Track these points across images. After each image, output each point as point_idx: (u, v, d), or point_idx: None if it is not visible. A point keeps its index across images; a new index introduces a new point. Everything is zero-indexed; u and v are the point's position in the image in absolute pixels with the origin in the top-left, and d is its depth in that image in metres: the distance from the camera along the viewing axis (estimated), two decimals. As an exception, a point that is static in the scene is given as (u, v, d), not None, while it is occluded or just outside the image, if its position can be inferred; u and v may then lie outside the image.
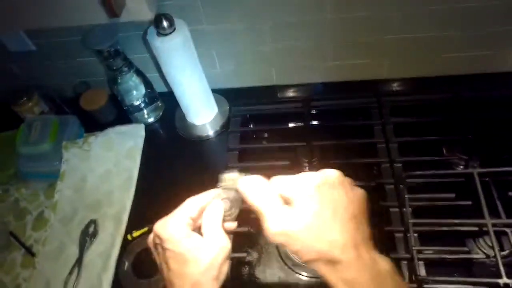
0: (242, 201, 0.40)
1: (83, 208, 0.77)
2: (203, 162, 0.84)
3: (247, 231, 0.64)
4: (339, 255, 0.33)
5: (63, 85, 0.97)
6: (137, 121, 0.92)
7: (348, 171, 0.71)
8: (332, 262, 0.33)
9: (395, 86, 0.86)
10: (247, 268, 0.67)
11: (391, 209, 0.65)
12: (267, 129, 0.83)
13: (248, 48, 0.85)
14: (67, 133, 0.87)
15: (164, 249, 0.38)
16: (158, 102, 0.95)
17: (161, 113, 0.95)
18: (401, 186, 0.66)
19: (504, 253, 0.59)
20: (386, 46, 0.79)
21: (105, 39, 0.76)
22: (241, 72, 0.91)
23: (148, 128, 0.91)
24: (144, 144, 0.88)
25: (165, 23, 0.66)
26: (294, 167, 0.77)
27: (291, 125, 0.82)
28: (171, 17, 0.67)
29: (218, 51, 0.87)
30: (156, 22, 0.67)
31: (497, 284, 0.52)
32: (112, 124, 0.90)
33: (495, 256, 0.55)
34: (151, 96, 0.93)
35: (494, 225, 0.58)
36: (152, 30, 0.69)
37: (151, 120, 0.93)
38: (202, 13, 0.76)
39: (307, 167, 0.75)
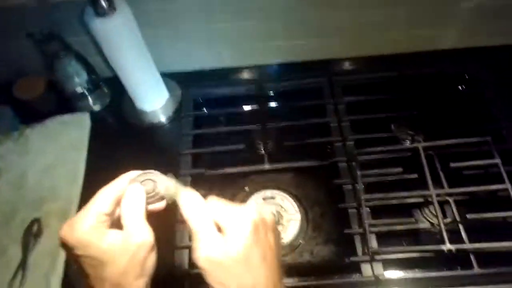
0: (171, 178, 0.38)
1: (25, 207, 0.71)
2: (156, 150, 0.81)
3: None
4: None
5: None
6: (81, 110, 0.86)
7: (303, 151, 0.74)
8: None
9: (346, 66, 0.87)
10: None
11: (344, 186, 0.67)
12: (221, 112, 0.81)
13: (198, 28, 0.81)
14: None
15: (75, 255, 0.33)
16: (104, 89, 0.89)
17: (108, 100, 0.89)
18: (353, 163, 0.67)
19: (447, 220, 0.63)
20: (335, 24, 0.79)
21: (37, 20, 0.69)
22: (192, 54, 0.88)
23: (95, 116, 0.85)
24: (90, 133, 0.82)
25: (103, 3, 0.61)
26: (249, 150, 0.76)
27: (245, 108, 0.81)
28: (110, -5, 0.62)
29: (166, 32, 0.82)
30: (93, 1, 0.61)
31: (441, 250, 0.56)
32: (53, 114, 0.83)
33: (439, 224, 0.58)
34: (95, 82, 0.87)
35: (437, 195, 0.61)
36: (90, 10, 0.64)
37: (97, 108, 0.87)
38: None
39: (262, 150, 0.75)
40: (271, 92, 0.82)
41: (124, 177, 0.37)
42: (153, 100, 0.83)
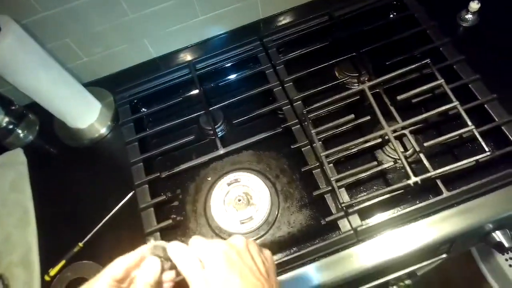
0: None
1: (-19, 267, 0.66)
2: (104, 166, 0.75)
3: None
4: None
5: None
6: (12, 146, 0.79)
7: (255, 125, 0.71)
8: None
9: (274, 23, 0.82)
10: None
11: (303, 149, 0.65)
12: (160, 108, 0.75)
13: (108, 25, 0.74)
14: None
15: None
16: (29, 116, 0.81)
17: (38, 127, 0.81)
18: (305, 123, 0.65)
19: (408, 153, 0.63)
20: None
21: None
22: (112, 54, 0.80)
23: (29, 149, 0.78)
24: (30, 169, 0.76)
25: (-19, 26, 0.53)
26: (200, 139, 0.72)
27: (184, 95, 0.76)
28: (-14, 16, 0.54)
29: (74, 38, 0.74)
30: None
31: (408, 185, 0.56)
32: (-19, 160, 0.76)
33: (400, 159, 0.58)
34: (18, 113, 0.79)
35: (394, 131, 0.61)
36: (-29, 39, 0.56)
37: (30, 139, 0.80)
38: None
39: (213, 135, 0.71)
40: (205, 71, 0.77)
41: (138, 250, 0.40)
42: (85, 114, 0.76)
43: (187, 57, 0.83)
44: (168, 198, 0.67)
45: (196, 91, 0.75)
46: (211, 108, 0.72)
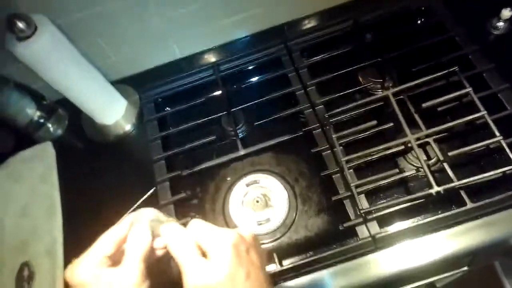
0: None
1: (10, 253, 0.69)
2: (128, 162, 0.77)
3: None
4: None
5: None
6: (42, 140, 0.82)
7: (276, 127, 0.71)
8: None
9: (299, 27, 0.82)
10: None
11: (323, 153, 0.65)
12: (184, 107, 0.77)
13: (137, 27, 0.76)
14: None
15: None
16: (59, 111, 0.84)
17: (67, 122, 0.85)
18: (327, 127, 0.65)
19: (431, 162, 0.61)
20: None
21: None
22: (139, 54, 0.83)
23: (58, 143, 0.81)
24: (58, 162, 0.79)
25: (20, 25, 0.56)
26: (222, 139, 0.73)
27: (208, 95, 0.77)
28: (26, 15, 0.57)
29: (105, 38, 0.77)
30: (10, 25, 0.56)
31: (430, 194, 0.55)
32: (13, 152, 0.79)
33: (422, 167, 0.57)
34: (49, 108, 0.82)
35: (417, 139, 0.60)
36: (10, 36, 0.58)
37: (58, 133, 0.83)
38: (66, 1, 0.66)
39: (234, 136, 0.72)
40: (229, 73, 0.78)
41: (124, 221, 0.39)
42: (111, 111, 0.79)
43: (211, 58, 0.84)
44: (187, 196, 0.68)
45: (219, 92, 0.76)
46: (232, 109, 0.73)
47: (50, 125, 0.83)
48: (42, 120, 0.82)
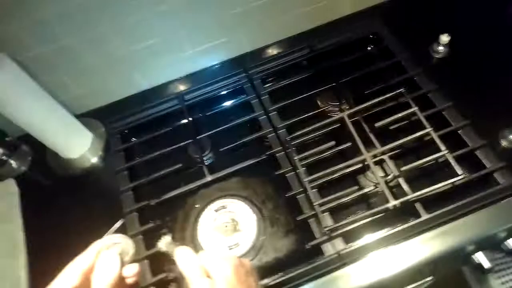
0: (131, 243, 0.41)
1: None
2: (96, 195, 0.77)
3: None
4: None
5: None
6: (5, 177, 0.80)
7: (242, 152, 0.73)
8: None
9: (260, 56, 0.87)
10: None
11: (287, 175, 0.67)
12: (150, 137, 0.78)
13: (100, 60, 0.78)
14: None
15: None
16: (22, 147, 0.83)
17: (30, 158, 0.83)
18: (289, 150, 0.68)
19: (388, 177, 0.65)
20: (236, 19, 0.79)
21: None
22: (104, 86, 0.84)
23: (22, 179, 0.80)
24: (22, 199, 0.77)
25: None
26: (188, 167, 0.74)
27: (174, 125, 0.79)
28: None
29: (67, 72, 0.78)
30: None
31: (387, 209, 0.58)
32: (-27, 191, 0.77)
33: (379, 183, 0.60)
34: (11, 144, 0.81)
35: (373, 156, 0.63)
36: (-32, 76, 0.59)
37: (22, 169, 0.82)
38: (26, 38, 0.66)
39: (201, 163, 0.73)
40: (194, 102, 0.80)
41: (91, 249, 0.38)
42: (77, 145, 0.78)
43: (177, 88, 0.86)
44: (156, 225, 0.68)
45: (185, 121, 0.78)
46: (198, 137, 0.75)
47: (13, 162, 0.81)
48: (4, 157, 0.80)
